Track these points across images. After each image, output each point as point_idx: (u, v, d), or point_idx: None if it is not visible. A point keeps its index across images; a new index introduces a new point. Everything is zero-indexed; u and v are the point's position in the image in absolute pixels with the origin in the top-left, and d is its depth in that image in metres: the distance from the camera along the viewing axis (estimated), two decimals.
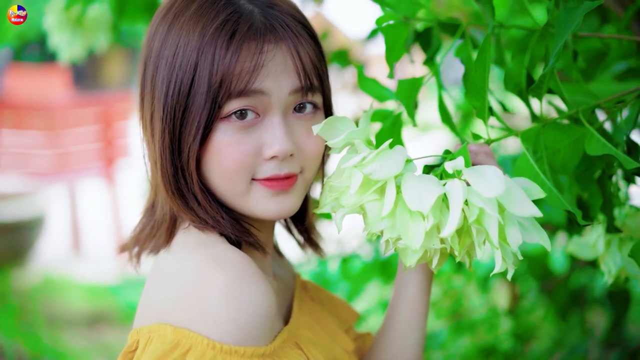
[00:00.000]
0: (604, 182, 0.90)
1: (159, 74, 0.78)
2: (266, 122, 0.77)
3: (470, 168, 0.69)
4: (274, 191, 0.78)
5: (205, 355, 0.68)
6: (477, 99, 0.80)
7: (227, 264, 0.72)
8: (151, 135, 0.80)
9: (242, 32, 0.75)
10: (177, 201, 0.78)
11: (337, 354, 0.87)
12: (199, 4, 0.78)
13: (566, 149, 0.86)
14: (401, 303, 0.92)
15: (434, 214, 0.67)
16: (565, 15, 0.78)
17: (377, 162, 0.69)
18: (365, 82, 0.90)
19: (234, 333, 0.69)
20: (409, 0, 0.85)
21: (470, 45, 0.88)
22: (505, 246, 0.69)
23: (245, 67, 0.74)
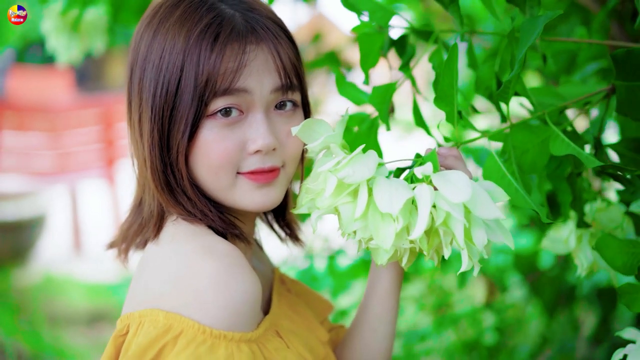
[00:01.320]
0: (573, 180, 0.94)
1: (146, 77, 0.82)
2: (249, 118, 0.81)
3: (439, 173, 0.72)
4: (258, 184, 0.82)
5: (195, 339, 0.71)
6: (446, 104, 0.83)
7: (218, 253, 0.75)
8: (140, 135, 0.83)
9: (225, 34, 0.79)
10: (166, 196, 0.81)
11: (313, 343, 0.91)
12: (183, 10, 0.81)
13: (535, 148, 0.89)
14: (373, 297, 0.96)
15: (403, 216, 0.71)
16: (529, 23, 0.81)
17: (351, 167, 0.72)
18: (343, 86, 0.93)
19: (223, 319, 0.72)
20: (382, 10, 0.89)
21: (443, 51, 0.91)
22: (471, 246, 0.72)
23: (230, 67, 0.78)
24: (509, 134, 0.86)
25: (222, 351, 0.71)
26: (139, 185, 0.88)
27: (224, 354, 0.71)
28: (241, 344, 0.73)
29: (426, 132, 0.92)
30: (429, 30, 0.91)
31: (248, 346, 0.74)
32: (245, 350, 0.73)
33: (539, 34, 0.79)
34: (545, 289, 1.85)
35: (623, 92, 0.85)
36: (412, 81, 0.94)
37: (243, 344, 0.74)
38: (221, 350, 0.71)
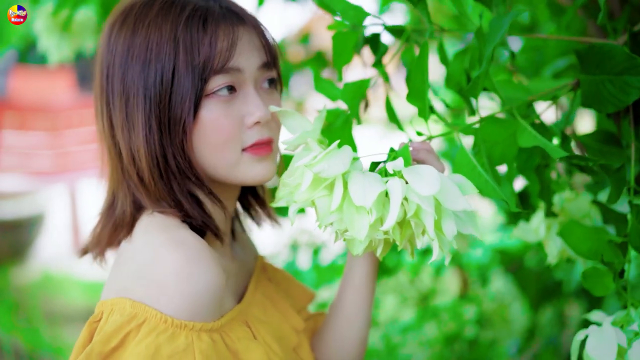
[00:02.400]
0: (541, 171, 0.96)
1: (129, 74, 0.83)
2: (242, 95, 0.85)
3: (409, 168, 0.74)
4: (259, 156, 0.85)
5: (157, 328, 0.74)
6: (417, 99, 0.85)
7: (183, 246, 0.77)
8: (128, 131, 0.84)
9: (212, 17, 0.83)
10: (160, 186, 0.83)
11: (286, 332, 0.93)
12: (160, 7, 0.84)
13: (504, 141, 0.91)
14: (349, 286, 0.98)
15: (376, 208, 0.73)
16: (496, 21, 0.83)
17: (326, 162, 0.74)
18: (319, 83, 0.95)
19: (184, 309, 0.75)
20: (355, 9, 0.90)
21: (414, 49, 0.93)
22: (441, 236, 0.75)
23: (223, 47, 0.82)
24: (478, 128, 0.88)
25: (182, 340, 0.74)
26: (110, 188, 0.90)
27: (184, 343, 0.74)
28: (202, 333, 0.76)
29: (398, 128, 0.94)
30: (401, 29, 0.93)
31: (209, 335, 0.77)
32: (206, 339, 0.76)
33: (505, 31, 0.81)
34: (530, 285, 1.87)
35: (587, 86, 0.87)
36: (384, 78, 0.96)
37: (204, 333, 0.76)
38: (181, 339, 0.74)
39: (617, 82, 0.83)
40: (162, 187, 0.84)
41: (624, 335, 0.80)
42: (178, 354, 0.74)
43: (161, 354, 0.73)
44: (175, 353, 0.73)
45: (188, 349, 0.74)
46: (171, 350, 0.73)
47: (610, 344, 0.79)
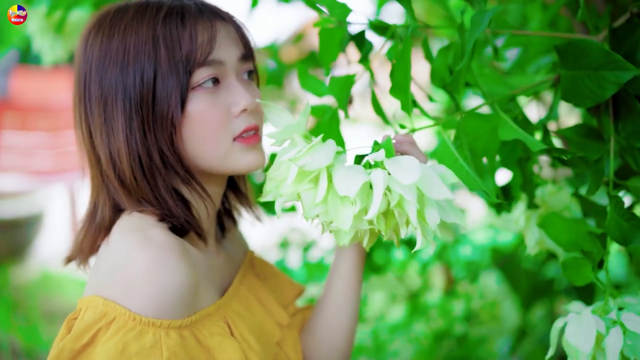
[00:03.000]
0: (523, 164, 0.97)
1: (107, 78, 0.84)
2: (225, 86, 0.86)
3: (391, 159, 0.75)
4: (249, 145, 0.87)
5: (126, 326, 0.75)
6: (401, 93, 0.86)
7: (152, 246, 0.79)
8: (107, 135, 0.85)
9: (189, 13, 0.85)
10: (146, 184, 0.84)
11: (269, 327, 0.94)
12: (135, 10, 0.85)
13: (486, 135, 0.92)
14: (337, 276, 1.00)
15: (360, 199, 0.74)
16: (477, 17, 0.84)
17: (310, 155, 0.75)
18: (305, 80, 0.96)
19: (152, 307, 0.76)
20: (341, 6, 0.91)
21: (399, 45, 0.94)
22: (425, 225, 0.76)
23: (204, 40, 0.84)
24: (461, 121, 0.89)
25: (149, 337, 0.75)
26: (92, 195, 0.91)
27: (151, 340, 0.75)
28: (170, 330, 0.77)
29: (384, 121, 0.95)
30: (385, 26, 0.94)
31: (178, 332, 0.78)
32: (174, 336, 0.77)
33: (485, 27, 0.83)
34: (522, 283, 1.88)
35: (567, 81, 0.89)
36: (370, 73, 0.97)
37: (172, 330, 0.77)
38: (149, 336, 0.76)
39: (595, 77, 0.84)
40: (145, 186, 0.84)
41: (603, 323, 0.81)
42: (145, 351, 0.75)
43: (129, 351, 0.75)
44: (143, 350, 0.75)
45: (155, 346, 0.76)
46: (139, 347, 0.75)
47: (589, 330, 0.80)
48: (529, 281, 1.85)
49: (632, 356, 0.80)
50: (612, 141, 0.90)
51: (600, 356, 0.82)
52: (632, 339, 0.80)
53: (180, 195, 0.87)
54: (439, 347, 2.19)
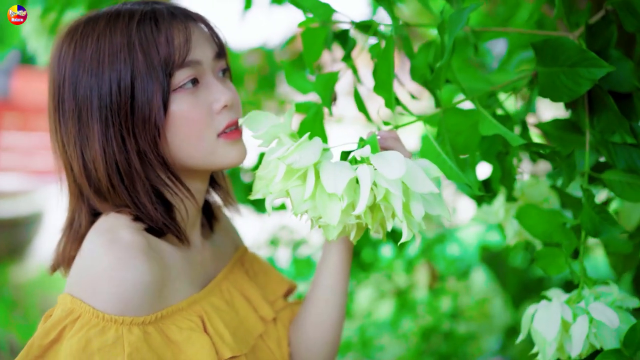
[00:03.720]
0: (502, 158, 0.99)
1: (81, 88, 0.84)
2: (204, 85, 0.87)
3: (377, 154, 0.77)
4: (233, 140, 0.89)
5: (89, 323, 0.78)
6: (384, 91, 0.87)
7: (117, 246, 0.81)
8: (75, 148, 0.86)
9: (162, 18, 0.85)
10: (123, 190, 0.85)
11: (251, 321, 0.96)
12: (106, 20, 0.85)
13: (467, 130, 0.93)
14: (325, 269, 1.01)
15: (348, 194, 0.75)
16: (456, 15, 0.85)
17: (297, 153, 0.76)
18: (291, 77, 0.97)
19: (114, 305, 0.78)
20: (324, 6, 0.93)
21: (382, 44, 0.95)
22: (410, 218, 0.77)
23: (181, 42, 0.85)
24: (442, 117, 0.91)
25: (111, 333, 0.78)
26: (70, 205, 0.91)
27: (113, 336, 0.78)
28: (133, 326, 0.79)
29: (366, 118, 0.96)
30: (368, 24, 0.96)
31: (141, 328, 0.80)
32: (136, 332, 0.79)
33: (464, 24, 0.84)
34: (511, 281, 1.88)
35: (543, 77, 0.90)
36: (353, 71, 0.98)
37: (135, 326, 0.79)
38: (111, 332, 0.78)
39: (570, 74, 0.86)
40: (123, 192, 0.85)
41: (570, 311, 0.82)
42: (107, 347, 0.77)
43: (91, 347, 0.77)
44: (105, 345, 0.77)
45: (117, 342, 0.78)
46: (101, 343, 0.77)
47: (554, 318, 0.81)
48: (518, 279, 1.86)
49: (597, 344, 0.82)
50: (588, 135, 0.91)
51: (567, 343, 0.83)
52: (597, 328, 0.82)
53: (161, 197, 0.88)
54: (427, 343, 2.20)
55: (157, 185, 0.86)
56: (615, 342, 0.83)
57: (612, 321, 0.81)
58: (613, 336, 0.83)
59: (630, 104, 0.91)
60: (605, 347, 0.83)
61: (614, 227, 0.83)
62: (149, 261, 0.81)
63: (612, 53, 0.92)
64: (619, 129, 0.87)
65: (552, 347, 0.83)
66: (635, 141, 0.87)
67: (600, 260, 2.01)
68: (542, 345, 0.84)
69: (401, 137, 0.89)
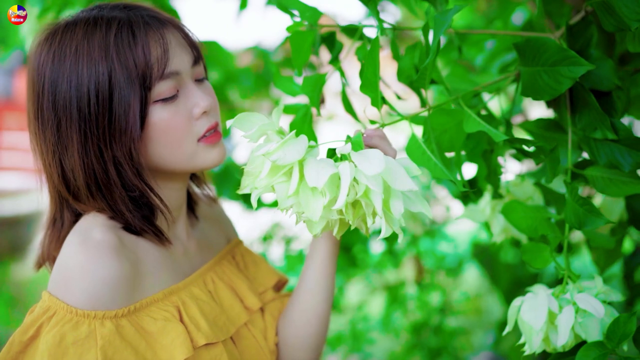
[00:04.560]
0: (487, 156, 1.00)
1: (60, 99, 0.85)
2: (183, 92, 0.88)
3: (359, 152, 0.77)
4: (212, 144, 0.90)
5: (64, 318, 0.80)
6: (371, 90, 0.88)
7: (90, 245, 0.83)
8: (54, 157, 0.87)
9: (139, 29, 0.85)
10: (101, 198, 0.87)
11: (235, 310, 0.97)
12: (84, 30, 0.86)
13: (452, 129, 0.94)
14: (312, 264, 1.02)
15: (330, 190, 0.76)
16: (440, 17, 0.86)
17: (282, 150, 0.77)
18: (279, 80, 0.98)
19: (86, 300, 0.81)
20: (311, 10, 0.93)
21: (367, 45, 0.96)
22: (389, 215, 0.78)
23: (159, 54, 0.85)
24: (428, 117, 0.91)
25: (84, 328, 0.80)
26: (52, 203, 0.94)
27: (86, 330, 0.80)
28: (105, 320, 0.81)
29: (353, 118, 0.97)
30: (354, 27, 0.96)
31: (113, 322, 0.82)
32: (109, 326, 0.81)
33: (448, 26, 0.84)
34: (503, 277, 1.88)
35: (526, 77, 0.91)
36: (340, 73, 0.99)
37: (107, 320, 0.81)
38: (84, 327, 0.80)
39: (552, 72, 0.87)
40: (101, 199, 0.88)
41: (556, 302, 0.83)
42: (81, 340, 0.79)
43: (66, 341, 0.79)
44: (79, 339, 0.79)
45: (90, 336, 0.80)
46: (74, 337, 0.79)
47: (541, 308, 0.82)
48: (510, 275, 1.86)
49: (582, 334, 0.83)
50: (570, 132, 0.92)
51: (553, 334, 0.84)
52: (583, 317, 0.83)
53: (142, 201, 0.89)
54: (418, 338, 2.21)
55: (134, 193, 0.88)
56: (599, 335, 0.83)
57: (597, 311, 0.82)
58: (597, 328, 0.83)
59: (611, 101, 0.92)
60: (589, 339, 0.83)
61: (597, 218, 0.84)
62: (119, 258, 0.83)
63: (592, 52, 0.93)
64: (600, 125, 0.88)
65: (539, 337, 0.84)
66: (616, 137, 0.88)
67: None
68: (529, 335, 0.85)
69: (388, 135, 0.90)
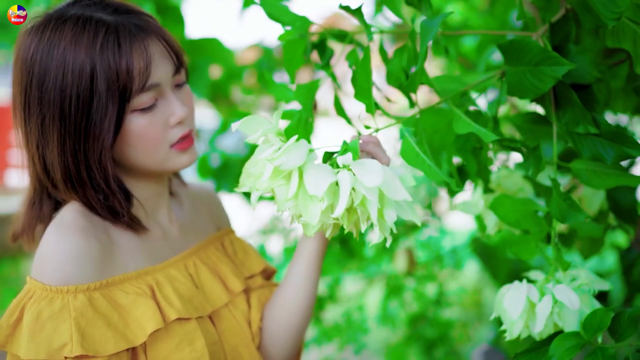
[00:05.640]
0: (477, 153, 1.02)
1: (46, 97, 0.87)
2: (162, 101, 0.91)
3: (357, 161, 0.79)
4: (184, 150, 0.94)
5: (40, 296, 0.86)
6: (364, 97, 0.90)
7: (60, 227, 0.89)
8: (42, 145, 0.90)
9: (124, 38, 0.87)
10: (74, 192, 0.91)
11: (215, 292, 1.01)
12: (73, 30, 0.87)
13: (443, 129, 0.96)
14: (300, 259, 1.04)
15: (328, 197, 0.78)
16: (427, 23, 0.88)
17: (285, 156, 0.78)
18: (272, 86, 0.99)
19: (58, 277, 0.86)
20: (301, 19, 0.95)
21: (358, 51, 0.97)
22: (383, 222, 0.80)
23: (141, 68, 0.87)
24: (419, 118, 0.93)
25: (58, 302, 0.85)
26: (31, 184, 0.97)
27: (60, 304, 0.85)
28: (78, 293, 0.86)
29: (347, 122, 0.99)
30: (344, 34, 0.98)
31: (86, 294, 0.86)
32: (81, 298, 0.86)
33: (436, 30, 0.86)
34: (502, 272, 1.90)
35: (510, 76, 0.93)
36: (332, 78, 1.01)
37: (80, 293, 0.86)
38: (57, 301, 0.85)
39: (535, 72, 0.89)
40: (78, 195, 0.91)
41: (537, 292, 0.86)
42: (55, 314, 0.84)
43: (42, 317, 0.84)
44: (54, 313, 0.84)
45: (64, 308, 0.85)
46: (50, 312, 0.84)
47: (520, 298, 0.85)
48: (509, 269, 1.87)
49: (560, 323, 0.85)
50: (555, 128, 0.94)
51: (532, 323, 0.87)
52: (560, 308, 0.85)
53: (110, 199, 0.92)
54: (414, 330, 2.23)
55: (101, 196, 0.91)
56: (577, 325, 0.86)
57: (572, 303, 0.84)
58: (575, 319, 0.86)
59: (592, 93, 0.94)
60: (567, 329, 0.86)
61: (578, 213, 0.87)
62: (86, 236, 0.88)
63: (571, 48, 0.95)
64: (583, 120, 0.90)
65: (518, 325, 0.87)
66: (597, 131, 0.90)
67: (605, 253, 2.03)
68: (509, 323, 0.88)
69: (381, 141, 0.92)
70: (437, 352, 2.21)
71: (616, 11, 0.83)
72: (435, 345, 2.19)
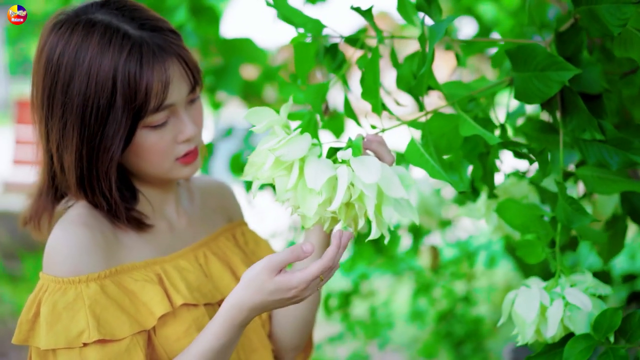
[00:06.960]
0: (483, 158, 1.01)
1: (69, 103, 0.88)
2: (174, 119, 0.92)
3: (357, 158, 0.79)
4: (189, 163, 0.96)
5: (54, 289, 0.87)
6: (371, 97, 0.90)
7: (66, 222, 0.91)
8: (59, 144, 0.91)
9: (147, 58, 0.88)
10: (84, 195, 0.93)
11: (225, 282, 1.01)
12: (100, 37, 0.87)
13: (450, 132, 0.95)
14: None
15: (326, 190, 0.77)
16: (435, 27, 0.88)
17: (286, 147, 0.78)
18: (284, 88, 1.00)
19: (68, 268, 0.88)
20: (314, 22, 0.96)
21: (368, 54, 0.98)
22: (380, 218, 0.80)
23: (159, 89, 0.88)
24: (425, 121, 0.93)
25: (71, 292, 0.87)
26: (44, 178, 0.97)
27: (73, 294, 0.87)
28: (90, 282, 0.88)
29: (355, 122, 0.99)
30: (355, 38, 0.99)
31: (97, 282, 0.88)
32: (93, 287, 0.88)
33: (442, 35, 0.86)
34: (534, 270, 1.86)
35: (519, 82, 0.92)
36: (343, 81, 1.01)
37: (92, 282, 0.88)
38: (71, 292, 0.87)
39: (542, 77, 0.88)
40: (88, 197, 0.93)
41: (548, 296, 0.84)
42: (70, 304, 0.86)
43: (58, 308, 0.86)
44: (68, 303, 0.86)
45: (78, 298, 0.87)
46: (64, 302, 0.86)
47: (533, 302, 0.83)
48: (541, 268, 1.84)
49: (571, 326, 0.84)
50: (561, 134, 0.93)
51: (544, 326, 0.85)
52: (571, 311, 0.84)
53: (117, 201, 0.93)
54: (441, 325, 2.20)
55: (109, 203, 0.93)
56: (587, 328, 0.84)
57: (585, 305, 0.83)
58: (585, 321, 0.84)
59: (600, 103, 0.92)
60: (577, 331, 0.84)
61: (584, 217, 0.85)
62: (90, 228, 0.90)
63: (583, 57, 0.94)
64: (589, 127, 0.89)
65: (531, 329, 0.85)
66: (603, 138, 0.88)
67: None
68: (522, 327, 0.86)
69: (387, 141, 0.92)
70: (465, 349, 2.18)
71: (622, 18, 0.82)
72: (464, 342, 2.16)
